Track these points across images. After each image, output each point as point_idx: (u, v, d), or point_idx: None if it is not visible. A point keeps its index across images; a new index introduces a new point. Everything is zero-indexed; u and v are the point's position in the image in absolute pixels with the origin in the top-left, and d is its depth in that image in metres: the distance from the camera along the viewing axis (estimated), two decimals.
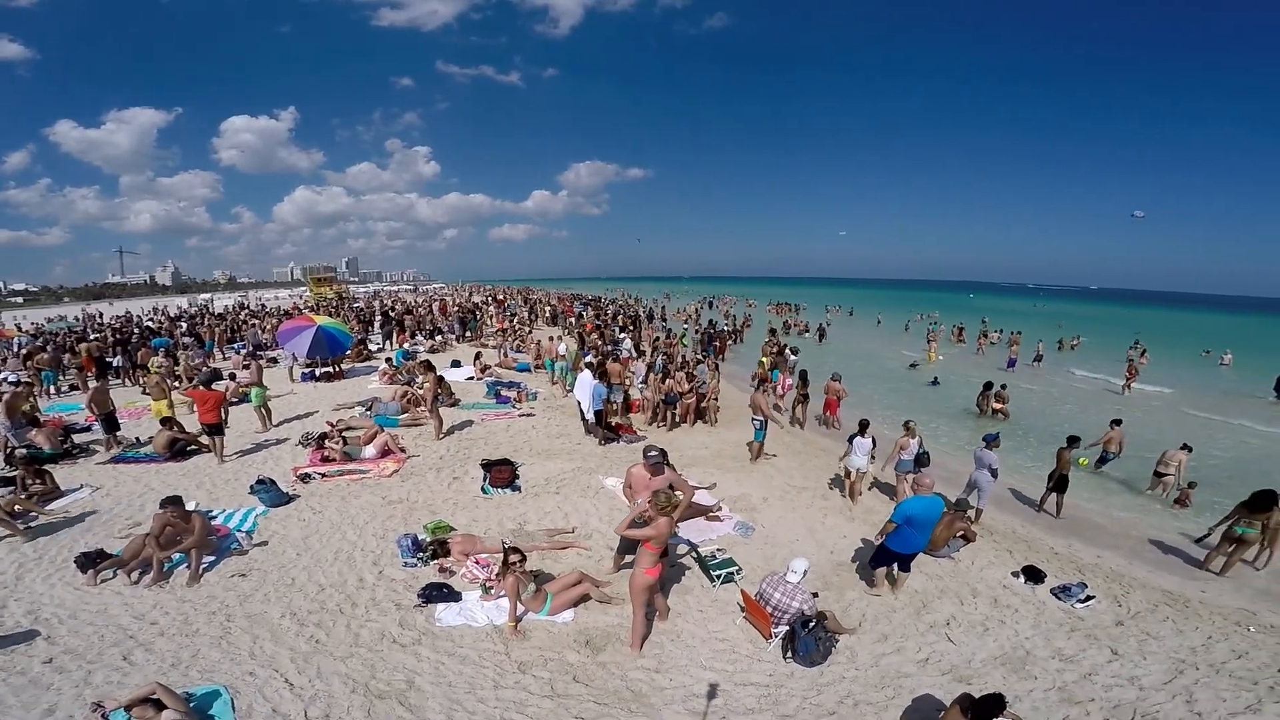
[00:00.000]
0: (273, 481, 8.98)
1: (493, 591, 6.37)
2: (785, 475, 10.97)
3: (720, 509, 9.00)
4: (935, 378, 22.16)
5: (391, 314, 30.62)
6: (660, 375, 14.54)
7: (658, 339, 23.26)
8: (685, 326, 33.85)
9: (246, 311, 39.39)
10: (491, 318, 33.16)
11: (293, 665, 5.30)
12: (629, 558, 6.63)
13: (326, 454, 10.42)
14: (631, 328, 28.92)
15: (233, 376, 16.40)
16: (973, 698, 4.40)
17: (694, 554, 7.61)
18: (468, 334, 27.37)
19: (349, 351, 19.18)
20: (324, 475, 9.78)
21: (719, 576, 6.96)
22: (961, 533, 8.14)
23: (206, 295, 71.29)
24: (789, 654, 5.69)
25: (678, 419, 13.88)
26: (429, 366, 13.32)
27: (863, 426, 9.93)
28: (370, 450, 10.59)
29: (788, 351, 19.98)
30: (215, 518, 8.12)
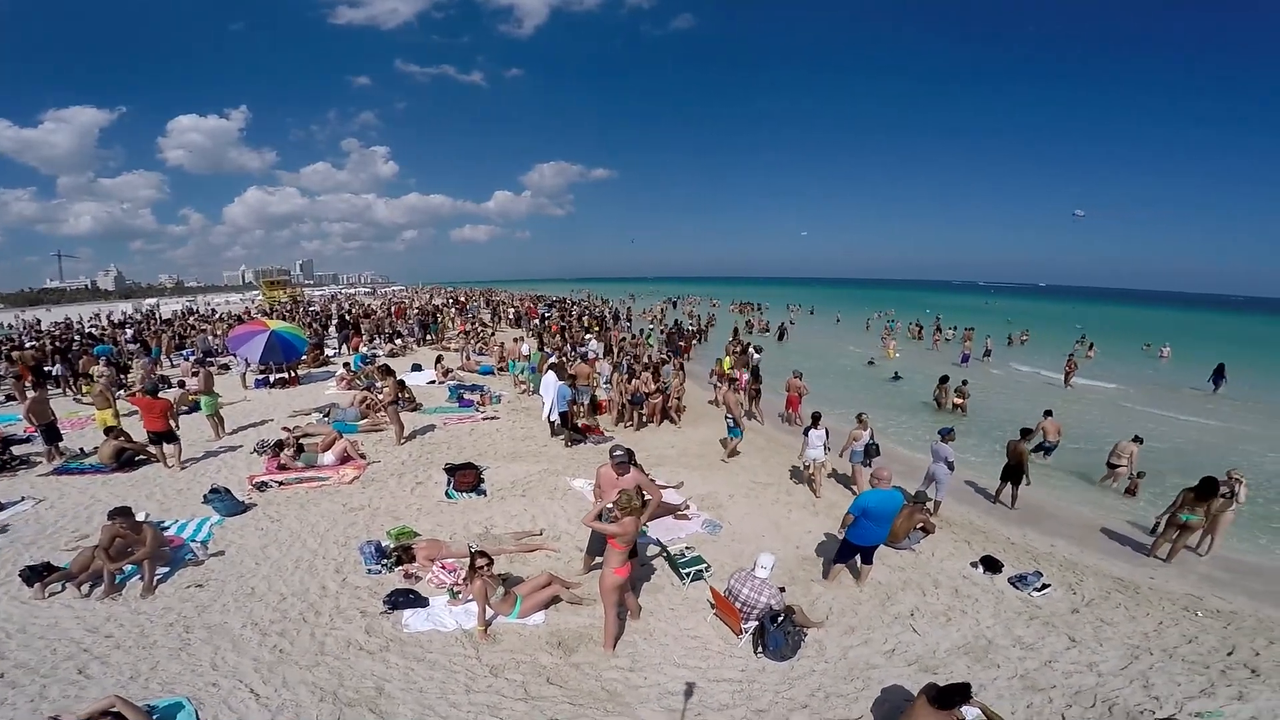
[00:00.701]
0: (227, 490, 8.71)
1: (460, 596, 6.29)
2: (750, 472, 11.11)
3: (688, 507, 9.07)
4: (896, 373, 22.69)
5: (347, 318, 29.90)
6: (626, 376, 14.56)
7: (623, 339, 23.28)
8: (651, 327, 33.96)
9: (196, 316, 38.01)
10: (453, 320, 32.70)
11: (257, 675, 5.18)
12: (599, 558, 6.62)
13: (283, 461, 10.14)
14: (597, 329, 28.87)
15: (181, 384, 15.83)
16: (939, 687, 4.51)
17: (663, 553, 7.65)
18: (429, 337, 26.90)
19: (304, 357, 18.68)
20: (281, 483, 9.53)
21: (689, 574, 7.01)
22: (921, 524, 8.34)
23: (152, 300, 68.41)
24: (759, 649, 5.76)
25: (644, 419, 13.91)
26: (388, 371, 13.09)
27: (815, 419, 10.46)
28: (329, 457, 10.35)
29: (751, 350, 20.20)
30: (167, 528, 7.83)
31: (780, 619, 5.74)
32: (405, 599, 6.27)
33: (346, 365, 18.09)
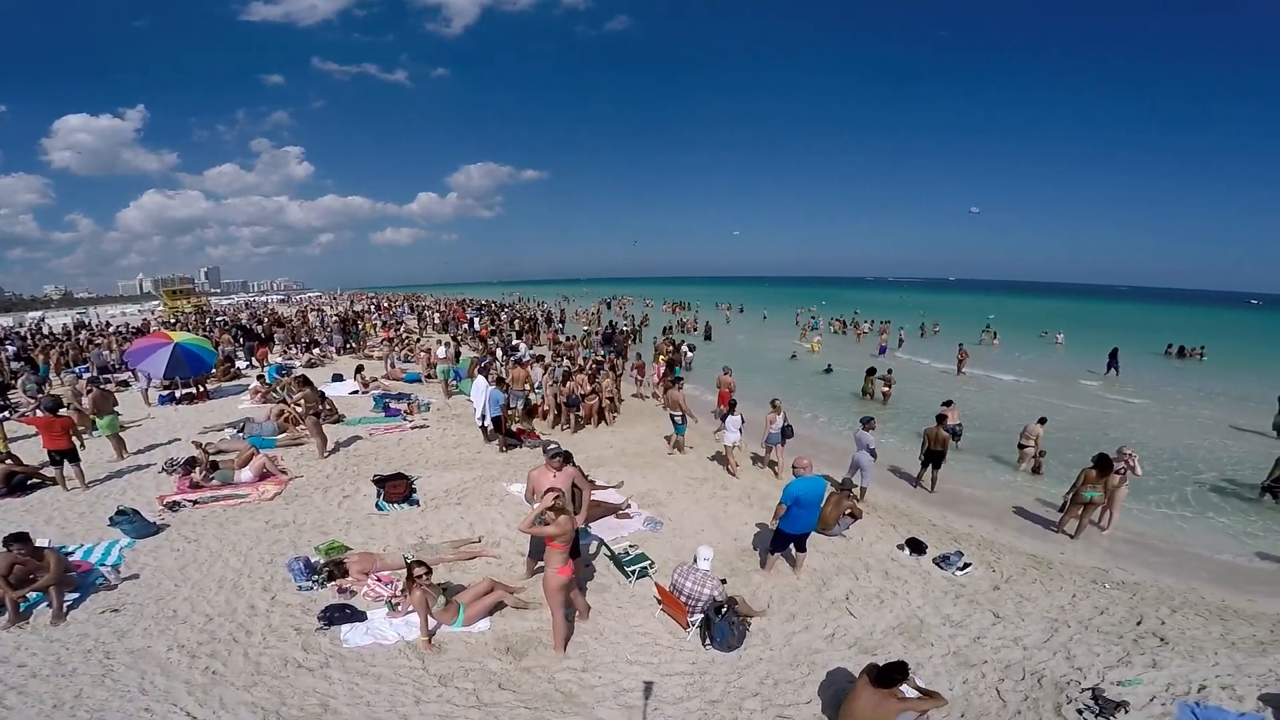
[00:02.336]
0: (136, 512, 8.13)
1: (400, 608, 6.13)
2: (686, 469, 11.28)
3: (629, 506, 9.13)
4: (829, 366, 23.39)
5: (254, 327, 28.14)
6: (561, 378, 14.46)
7: (558, 342, 23.13)
8: (585, 328, 33.85)
9: (88, 330, 35.02)
10: (375, 327, 31.53)
11: (191, 698, 4.94)
12: (541, 562, 6.57)
13: (196, 480, 9.53)
14: (529, 332, 28.52)
15: (77, 405, 14.55)
16: (878, 667, 4.72)
17: (606, 552, 7.67)
18: (349, 345, 25.79)
19: (213, 370, 17.54)
20: (195, 502, 8.98)
21: (633, 572, 7.06)
22: (849, 510, 8.66)
23: (36, 313, 62.56)
24: (707, 641, 5.86)
25: (582, 421, 13.86)
26: (305, 382, 12.47)
27: (732, 406, 11.40)
28: (247, 474, 9.80)
29: (685, 349, 20.52)
30: (72, 554, 7.26)
31: (724, 610, 5.88)
32: (342, 614, 6.06)
33: (260, 378, 17.14)
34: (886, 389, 18.23)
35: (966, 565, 7.65)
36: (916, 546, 8.10)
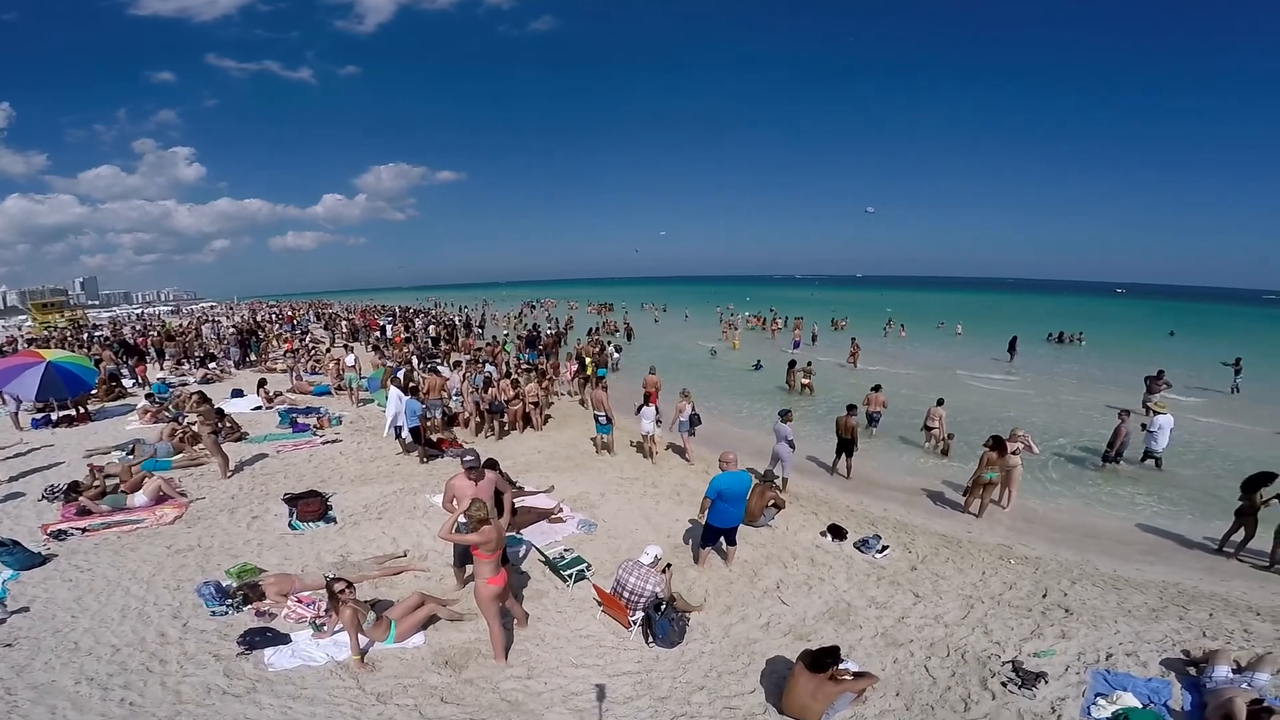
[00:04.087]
0: (15, 542, 7.33)
1: (325, 628, 5.84)
2: (616, 469, 11.30)
3: (561, 509, 9.02)
4: (759, 362, 23.86)
5: (133, 342, 25.68)
6: (482, 385, 14.12)
7: (479, 348, 22.58)
8: (506, 332, 33.22)
9: None
10: (278, 338, 29.70)
11: None
12: (470, 569, 6.41)
13: (84, 505, 8.71)
14: (447, 338, 27.66)
15: None
16: (812, 653, 4.89)
17: (540, 557, 7.55)
18: (249, 359, 24.13)
19: (94, 390, 15.97)
20: (85, 530, 8.19)
21: (571, 575, 6.98)
22: (773, 501, 8.89)
23: None
24: (650, 639, 5.88)
25: (506, 427, 13.57)
26: (203, 398, 11.58)
27: (647, 398, 12.12)
28: (141, 498, 9.02)
29: (611, 350, 20.55)
30: None
31: (663, 607, 5.91)
32: (263, 637, 5.72)
33: (149, 396, 15.77)
34: (807, 381, 18.92)
35: (885, 548, 8.02)
36: (838, 533, 8.42)
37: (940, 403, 13.32)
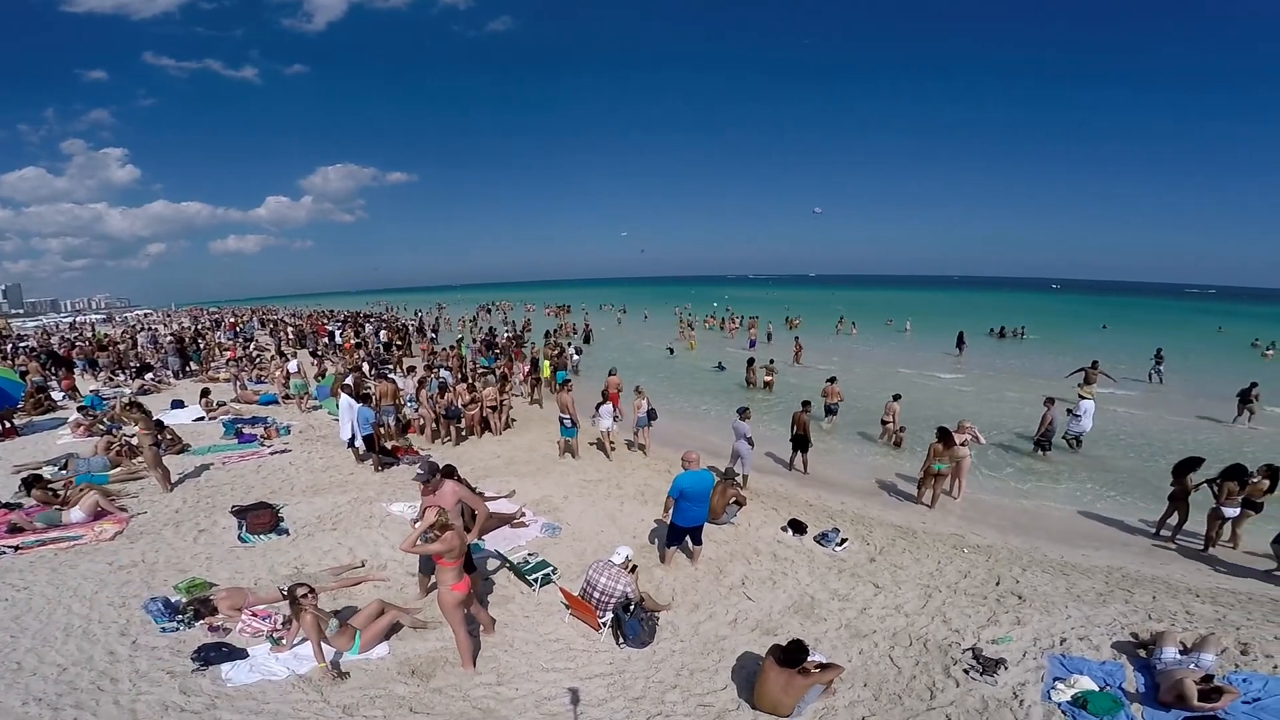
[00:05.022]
0: None
1: (285, 642, 5.63)
2: (579, 472, 11.22)
3: (524, 514, 8.90)
4: (721, 363, 23.96)
5: (61, 352, 24.15)
6: (438, 390, 13.84)
7: (433, 353, 22.13)
8: (462, 336, 32.63)
9: None
10: (220, 346, 28.49)
11: None
12: (434, 577, 6.27)
13: (16, 523, 8.20)
14: (400, 343, 27.02)
15: None
16: (781, 648, 4.94)
17: (505, 563, 7.43)
18: (190, 368, 23.05)
19: (20, 404, 15.00)
20: (17, 548, 7.71)
21: (536, 580, 6.89)
22: (735, 499, 8.98)
23: None
24: (620, 640, 5.86)
25: (464, 432, 13.32)
26: (136, 406, 11.02)
27: (605, 396, 12.73)
28: (78, 513, 8.53)
29: (571, 352, 20.47)
30: None
31: (632, 607, 5.88)
32: (219, 652, 5.51)
33: (82, 409, 14.92)
34: (769, 378, 19.19)
35: (844, 541, 8.17)
36: (798, 527, 8.54)
37: (896, 398, 13.69)
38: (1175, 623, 6.07)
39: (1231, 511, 8.03)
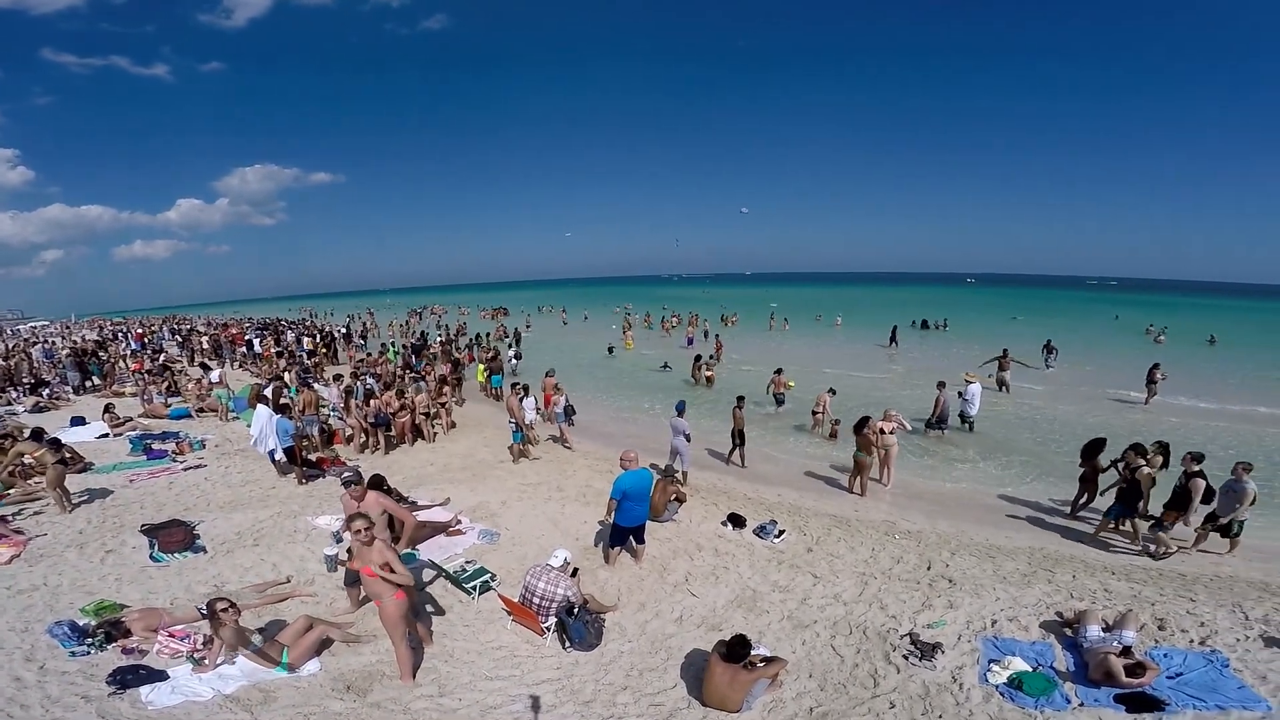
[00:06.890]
0: None
1: (207, 662, 5.32)
2: (518, 476, 11.02)
3: (459, 521, 8.65)
4: (666, 363, 23.88)
5: None
6: (364, 398, 13.31)
7: (360, 360, 21.28)
8: (391, 340, 31.50)
9: None
10: (125, 358, 26.52)
11: None
12: (363, 591, 6.04)
13: None
14: (326, 350, 25.85)
15: None
16: (725, 643, 4.96)
17: (441, 573, 7.20)
18: (91, 382, 21.33)
19: None
20: None
21: (475, 588, 6.71)
22: (675, 495, 9.02)
23: None
24: (567, 643, 5.77)
25: (395, 440, 12.87)
26: (35, 434, 10.16)
27: (526, 389, 12.82)
28: None
29: (510, 355, 20.21)
30: None
31: (577, 610, 5.79)
32: (136, 675, 5.17)
33: None
34: (710, 374, 19.47)
35: (782, 533, 8.32)
36: (737, 521, 8.64)
37: (832, 392, 14.09)
38: (1096, 600, 6.37)
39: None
